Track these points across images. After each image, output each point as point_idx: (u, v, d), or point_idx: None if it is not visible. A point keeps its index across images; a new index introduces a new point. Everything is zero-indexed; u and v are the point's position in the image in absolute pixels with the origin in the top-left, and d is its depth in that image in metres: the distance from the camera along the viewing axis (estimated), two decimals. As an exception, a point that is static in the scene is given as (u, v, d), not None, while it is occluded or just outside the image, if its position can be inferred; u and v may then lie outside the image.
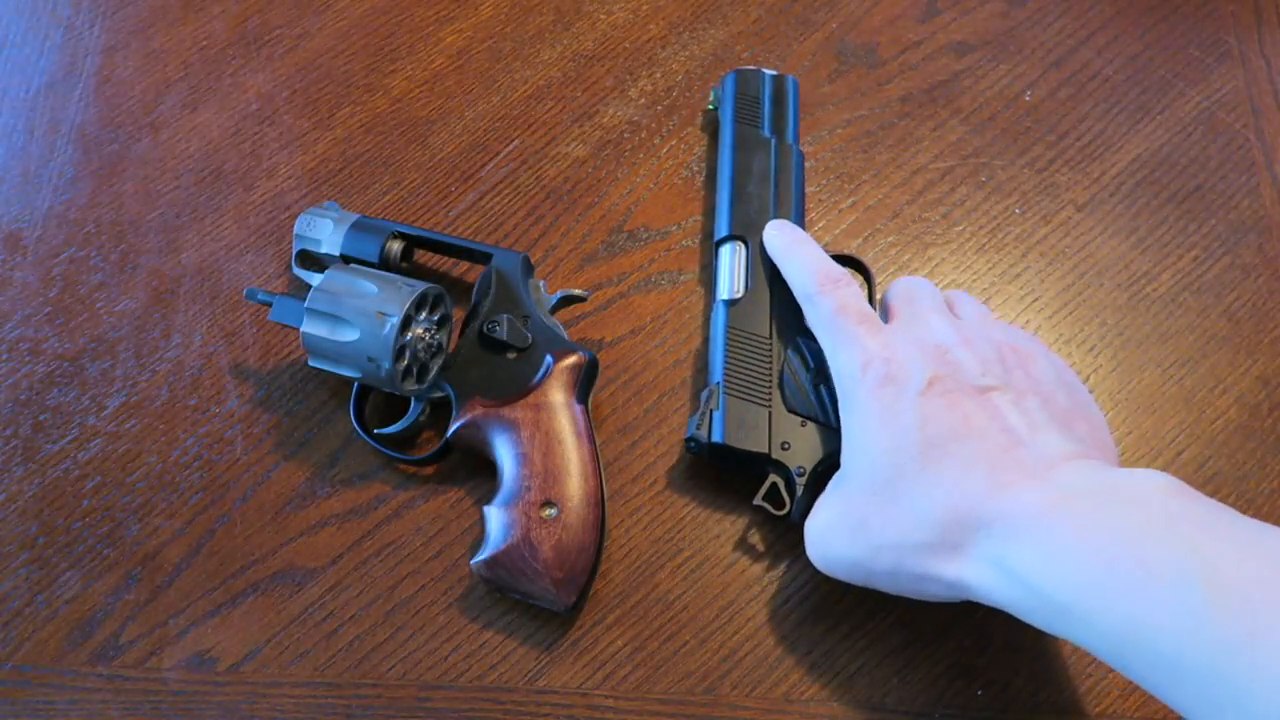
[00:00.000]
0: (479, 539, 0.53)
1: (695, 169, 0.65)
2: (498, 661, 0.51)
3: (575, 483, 0.50)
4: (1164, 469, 0.55)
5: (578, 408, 0.53)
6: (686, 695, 0.50)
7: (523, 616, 0.52)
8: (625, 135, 0.66)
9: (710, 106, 0.65)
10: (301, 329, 0.52)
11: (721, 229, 0.59)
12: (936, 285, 0.61)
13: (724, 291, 0.57)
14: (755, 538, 0.53)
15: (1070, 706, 0.50)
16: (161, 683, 0.51)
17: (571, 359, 0.53)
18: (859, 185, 0.64)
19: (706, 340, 0.59)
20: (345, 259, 0.57)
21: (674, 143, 0.66)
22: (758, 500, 0.51)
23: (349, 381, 0.58)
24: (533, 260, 0.60)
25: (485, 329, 0.54)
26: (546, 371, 0.53)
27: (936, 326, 0.49)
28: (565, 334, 0.55)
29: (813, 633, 0.51)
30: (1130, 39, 0.69)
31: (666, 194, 0.64)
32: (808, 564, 0.53)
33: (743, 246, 0.57)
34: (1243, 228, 0.62)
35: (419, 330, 0.52)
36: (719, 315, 0.56)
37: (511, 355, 0.54)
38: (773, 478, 0.51)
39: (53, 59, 0.71)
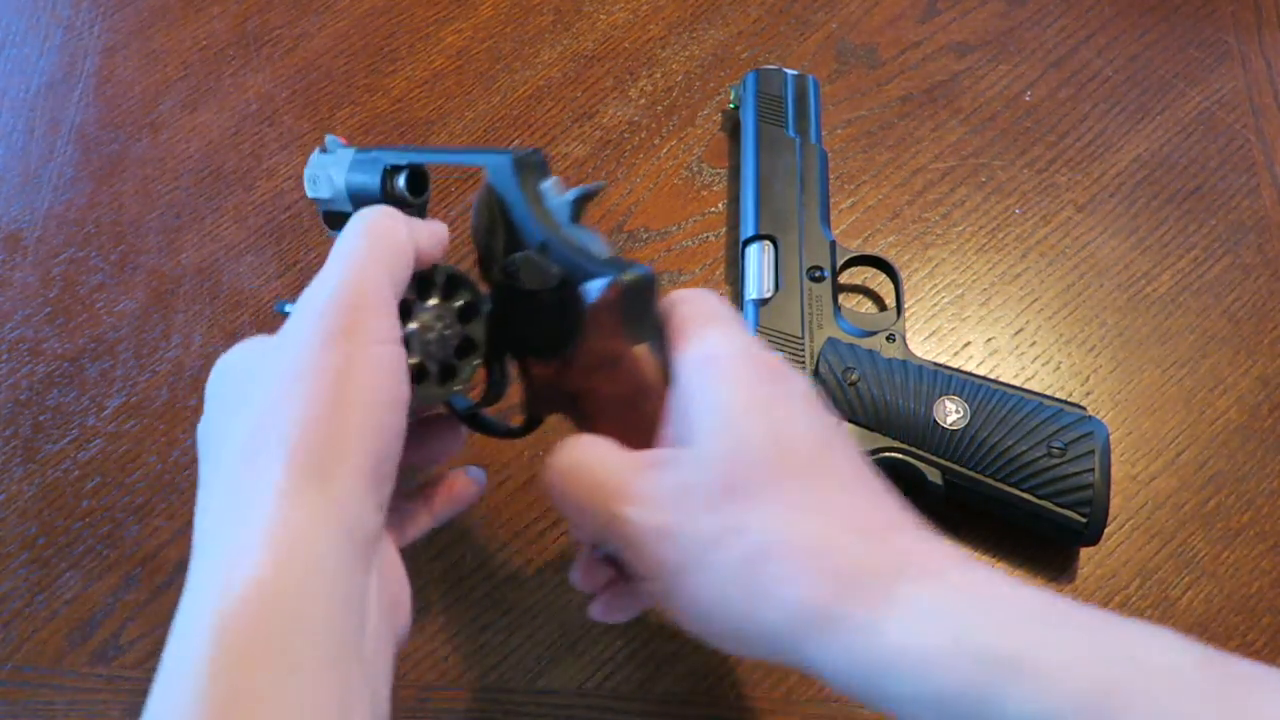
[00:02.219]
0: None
1: (695, 169, 0.65)
2: (498, 661, 0.51)
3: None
4: (1164, 469, 0.55)
5: (635, 350, 0.39)
6: (686, 695, 0.50)
7: (523, 617, 0.52)
8: (625, 135, 0.66)
9: (731, 105, 0.65)
10: None
11: (748, 228, 0.59)
12: (936, 285, 0.61)
13: (753, 291, 0.57)
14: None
15: (1070, 707, 0.50)
16: (161, 683, 0.51)
17: (609, 292, 0.38)
18: (859, 185, 0.64)
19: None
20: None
21: (674, 143, 0.66)
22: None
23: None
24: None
25: (504, 274, 0.41)
26: (587, 311, 0.39)
27: None
28: (602, 244, 0.41)
29: (813, 633, 0.51)
30: (1130, 39, 0.69)
31: (666, 194, 0.64)
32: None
33: (771, 246, 0.57)
34: (1243, 228, 0.62)
35: (425, 319, 0.40)
36: (749, 316, 0.56)
37: (547, 298, 0.40)
38: None
39: (53, 59, 0.71)
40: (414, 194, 0.45)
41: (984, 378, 0.53)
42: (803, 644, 0.32)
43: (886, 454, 0.51)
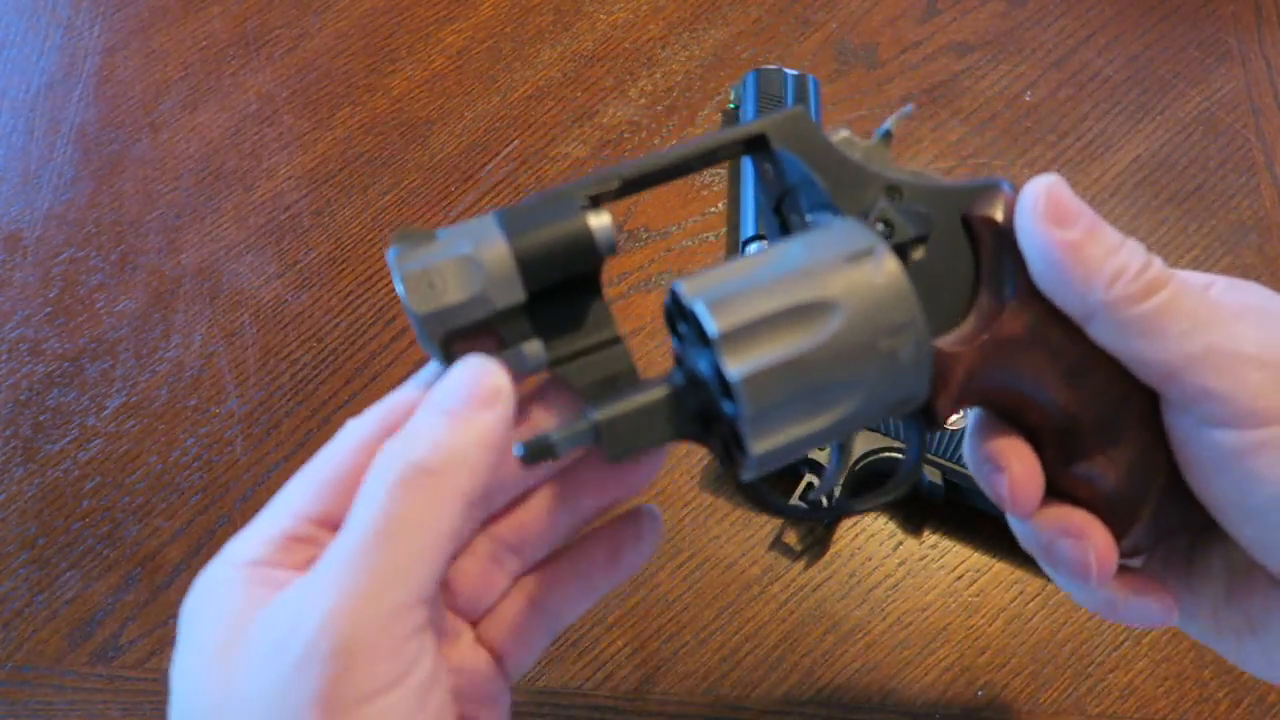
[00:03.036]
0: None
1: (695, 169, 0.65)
2: (498, 662, 0.51)
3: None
4: (1164, 469, 0.55)
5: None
6: (686, 695, 0.50)
7: (523, 617, 0.52)
8: (625, 135, 0.66)
9: (731, 105, 0.65)
10: (752, 452, 0.27)
11: (748, 228, 0.59)
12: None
13: None
14: (790, 538, 0.53)
15: (1070, 708, 0.50)
16: (161, 683, 0.51)
17: (991, 203, 0.31)
18: (859, 185, 0.64)
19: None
20: (534, 300, 0.28)
21: (674, 143, 0.66)
22: (794, 500, 0.51)
23: (355, 383, 0.58)
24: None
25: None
26: (984, 238, 0.31)
27: None
28: (940, 177, 0.32)
29: (813, 633, 0.51)
30: (1130, 39, 0.69)
31: (666, 194, 0.64)
32: (807, 564, 0.54)
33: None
34: (1243, 228, 0.62)
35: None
36: None
37: (917, 255, 0.31)
38: (808, 477, 0.51)
39: (53, 59, 0.71)
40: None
41: (984, 378, 0.53)
42: None
43: (886, 454, 0.51)
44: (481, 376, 0.27)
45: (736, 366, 0.26)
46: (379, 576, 0.25)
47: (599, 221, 0.28)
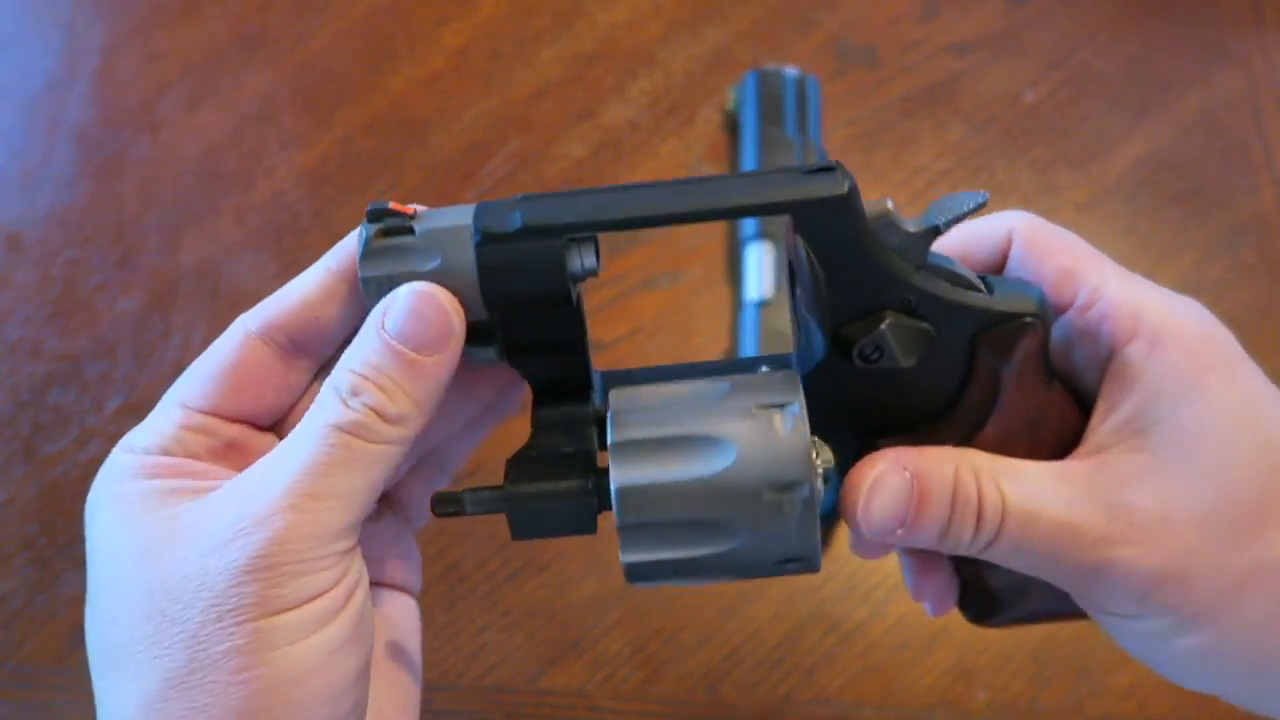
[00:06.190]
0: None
1: (695, 169, 0.65)
2: (498, 662, 0.51)
3: None
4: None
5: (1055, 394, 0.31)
6: (686, 695, 0.50)
7: (523, 617, 0.52)
8: (625, 135, 0.66)
9: (730, 107, 0.65)
10: (622, 559, 0.28)
11: (748, 228, 0.59)
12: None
13: (753, 292, 0.57)
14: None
15: (1071, 709, 0.50)
16: (161, 683, 0.51)
17: (1018, 333, 0.29)
18: (859, 185, 0.64)
19: (735, 341, 0.59)
20: (494, 315, 0.29)
21: (674, 143, 0.66)
22: None
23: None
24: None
25: (863, 359, 0.29)
26: (983, 371, 0.30)
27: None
28: (972, 276, 0.30)
29: (813, 634, 0.51)
30: (1130, 39, 0.69)
31: (666, 194, 0.64)
32: (808, 564, 0.54)
33: (771, 245, 0.58)
34: (1243, 228, 0.62)
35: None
36: (749, 316, 0.56)
37: (910, 363, 0.29)
38: None
39: (53, 59, 0.71)
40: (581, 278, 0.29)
41: (984, 378, 0.53)
42: None
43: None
44: (437, 316, 0.27)
45: (618, 477, 0.27)
46: (319, 501, 0.25)
47: (578, 257, 0.28)
